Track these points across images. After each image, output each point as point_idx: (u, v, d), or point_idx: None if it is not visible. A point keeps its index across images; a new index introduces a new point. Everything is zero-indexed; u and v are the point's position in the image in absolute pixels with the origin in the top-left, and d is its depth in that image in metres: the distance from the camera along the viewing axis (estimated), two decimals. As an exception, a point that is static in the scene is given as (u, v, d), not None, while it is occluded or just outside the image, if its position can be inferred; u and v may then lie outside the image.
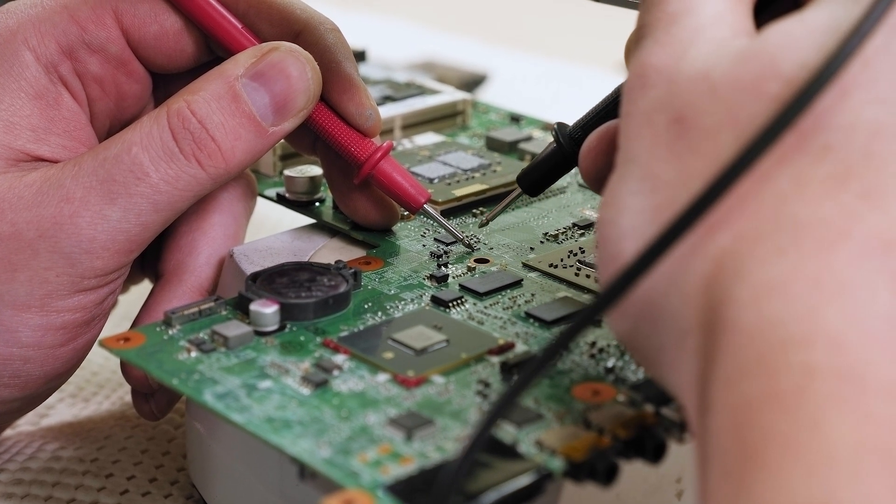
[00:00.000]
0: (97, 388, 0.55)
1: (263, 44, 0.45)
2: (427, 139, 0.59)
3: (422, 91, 0.62)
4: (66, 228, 0.42)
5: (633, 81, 0.35)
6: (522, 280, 0.46)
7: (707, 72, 0.34)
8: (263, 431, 0.37)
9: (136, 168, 0.43)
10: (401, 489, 0.34)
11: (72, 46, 0.45)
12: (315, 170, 0.51)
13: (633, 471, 0.38)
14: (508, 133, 0.59)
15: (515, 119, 0.62)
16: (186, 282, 0.47)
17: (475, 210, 0.52)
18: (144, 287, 0.51)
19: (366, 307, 0.44)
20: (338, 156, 0.48)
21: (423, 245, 0.49)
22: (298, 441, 0.36)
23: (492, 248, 0.49)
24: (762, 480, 0.28)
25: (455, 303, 0.44)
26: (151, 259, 0.49)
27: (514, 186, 0.49)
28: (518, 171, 0.49)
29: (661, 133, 0.34)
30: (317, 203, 0.51)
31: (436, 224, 0.50)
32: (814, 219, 0.31)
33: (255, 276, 0.44)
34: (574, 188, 0.55)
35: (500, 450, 0.36)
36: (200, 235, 0.48)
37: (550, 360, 0.34)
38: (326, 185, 0.50)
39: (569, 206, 0.53)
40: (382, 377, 0.40)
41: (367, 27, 0.95)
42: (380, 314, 0.44)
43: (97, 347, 0.43)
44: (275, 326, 0.42)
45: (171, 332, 0.42)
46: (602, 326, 0.43)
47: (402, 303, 0.45)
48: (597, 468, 0.35)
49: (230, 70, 0.44)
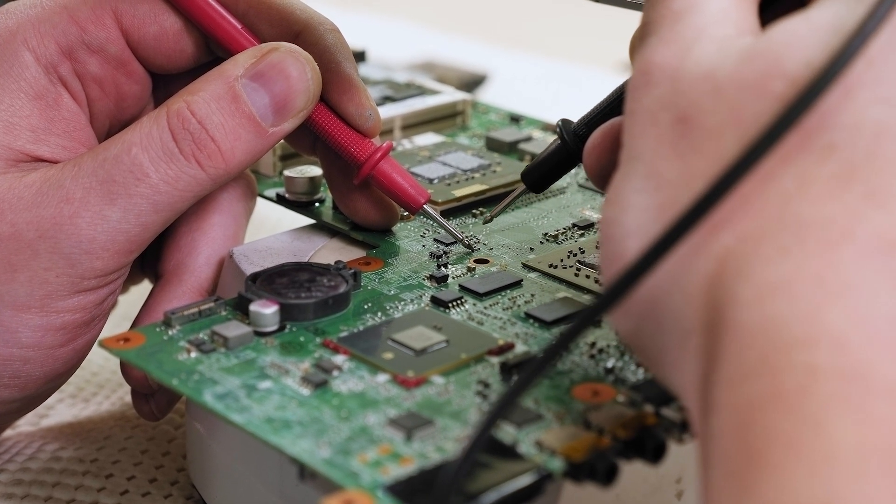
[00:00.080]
0: (97, 389, 0.55)
1: (263, 44, 0.45)
2: (427, 139, 0.59)
3: (422, 91, 0.62)
4: (66, 229, 0.42)
5: (638, 79, 0.35)
6: (522, 280, 0.46)
7: (711, 71, 0.34)
8: (263, 432, 0.37)
9: (136, 168, 0.43)
10: (401, 489, 0.34)
11: (71, 47, 0.45)
12: (315, 170, 0.51)
13: (633, 471, 0.38)
14: (508, 133, 0.59)
15: (515, 119, 0.62)
16: (186, 282, 0.47)
17: (475, 210, 0.52)
18: (144, 287, 0.51)
19: (365, 307, 0.44)
20: (337, 156, 0.48)
21: (423, 245, 0.49)
22: (298, 441, 0.36)
23: (491, 249, 0.49)
24: (765, 480, 0.28)
25: (455, 303, 0.44)
26: (151, 259, 0.49)
27: (516, 185, 0.49)
28: (518, 172, 0.49)
29: (665, 132, 0.34)
30: (317, 203, 0.51)
31: (435, 224, 0.50)
32: (818, 218, 0.31)
33: (255, 277, 0.44)
34: (574, 188, 0.54)
35: (500, 450, 0.36)
36: (200, 236, 0.48)
37: (553, 360, 0.34)
38: (326, 186, 0.50)
39: (569, 207, 0.53)
40: (382, 377, 0.40)
41: (367, 27, 0.95)
42: (379, 314, 0.44)
43: (97, 348, 0.43)
44: (274, 327, 0.42)
45: (171, 333, 0.42)
46: (602, 327, 0.43)
47: (402, 303, 0.44)
48: (597, 468, 0.35)
49: (230, 70, 0.44)
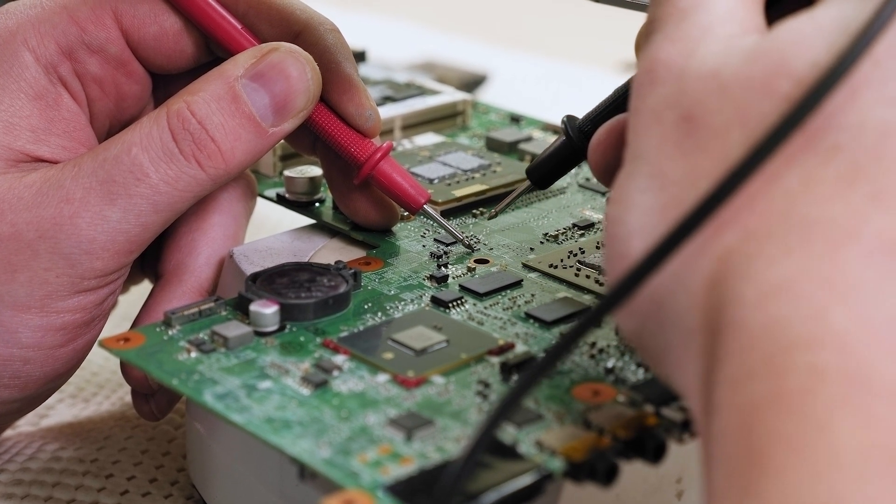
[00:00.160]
0: (97, 389, 0.55)
1: (263, 44, 0.45)
2: (427, 139, 0.59)
3: (422, 91, 0.62)
4: (66, 229, 0.42)
5: (643, 77, 0.35)
6: (522, 280, 0.46)
7: (717, 70, 0.33)
8: (263, 432, 0.37)
9: (136, 169, 0.43)
10: (401, 489, 0.34)
11: (71, 47, 0.45)
12: (315, 170, 0.51)
13: (633, 471, 0.38)
14: (508, 133, 0.59)
15: (515, 119, 0.62)
16: (186, 282, 0.47)
17: (475, 210, 0.52)
18: (144, 287, 0.51)
19: (366, 307, 0.44)
20: (338, 156, 0.48)
21: (423, 245, 0.49)
22: (298, 441, 0.36)
23: (492, 249, 0.49)
24: (767, 482, 0.28)
25: (455, 303, 0.44)
26: (151, 259, 0.49)
27: (517, 184, 0.49)
28: (518, 172, 0.49)
29: (670, 130, 0.34)
30: (317, 203, 0.51)
31: (436, 224, 0.50)
32: (822, 219, 0.31)
33: (255, 277, 0.44)
34: (574, 188, 0.54)
35: (501, 450, 0.36)
36: (200, 236, 0.48)
37: (557, 359, 0.33)
38: (326, 186, 0.50)
39: (569, 207, 0.53)
40: (382, 377, 0.40)
41: (367, 27, 0.95)
42: (380, 314, 0.44)
43: (97, 348, 0.43)
44: (275, 327, 0.42)
45: (171, 333, 0.42)
46: (602, 327, 0.43)
47: (402, 303, 0.44)
48: (597, 468, 0.35)
49: (230, 71, 0.44)
